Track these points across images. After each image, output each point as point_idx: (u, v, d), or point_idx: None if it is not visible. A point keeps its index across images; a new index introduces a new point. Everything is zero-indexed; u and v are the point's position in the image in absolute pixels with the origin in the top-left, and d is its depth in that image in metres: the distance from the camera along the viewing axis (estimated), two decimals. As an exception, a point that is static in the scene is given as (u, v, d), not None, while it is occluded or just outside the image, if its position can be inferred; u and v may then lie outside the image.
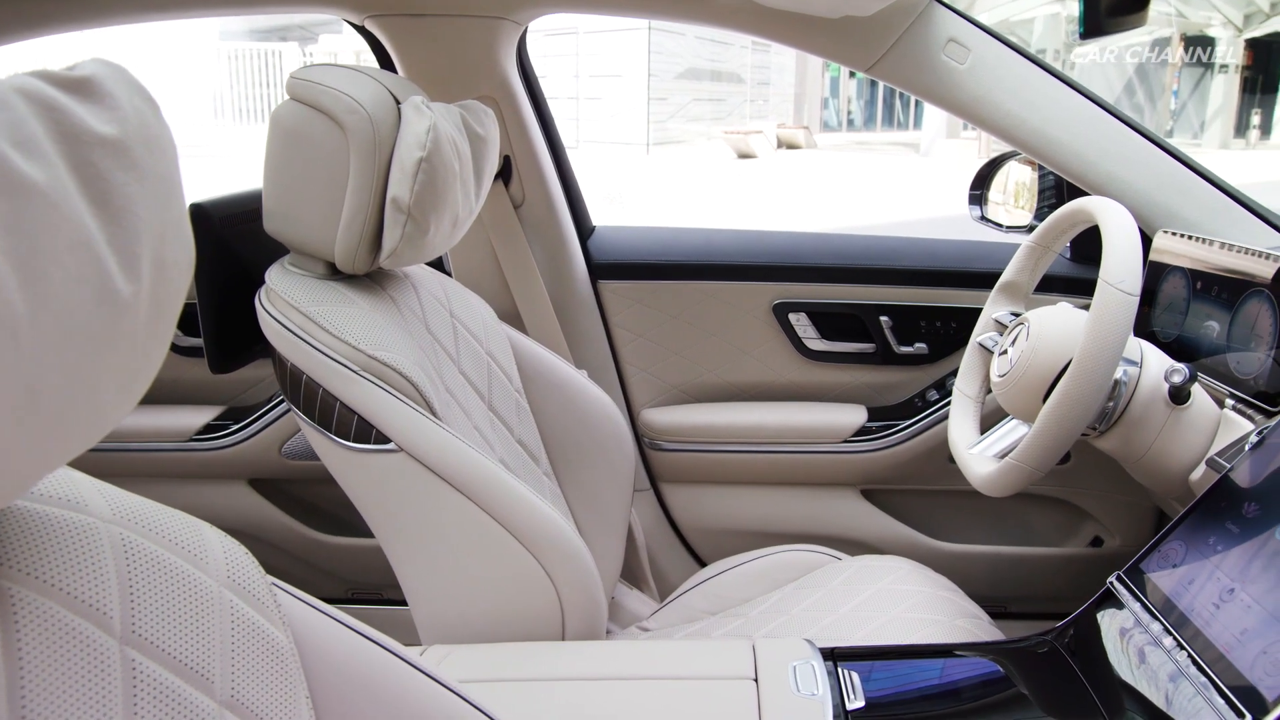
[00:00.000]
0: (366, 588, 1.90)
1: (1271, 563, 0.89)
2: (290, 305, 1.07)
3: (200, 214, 1.15)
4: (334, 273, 1.12)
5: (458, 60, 1.57)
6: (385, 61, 1.62)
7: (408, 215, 1.06)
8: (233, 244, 1.20)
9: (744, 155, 19.96)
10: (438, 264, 1.76)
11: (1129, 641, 1.00)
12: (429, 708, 0.58)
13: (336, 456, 1.09)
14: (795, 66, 26.85)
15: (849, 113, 31.19)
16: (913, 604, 1.28)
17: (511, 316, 1.70)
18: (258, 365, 1.13)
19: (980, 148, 16.59)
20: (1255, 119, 20.70)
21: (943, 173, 15.55)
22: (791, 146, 22.20)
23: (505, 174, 1.68)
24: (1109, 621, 1.04)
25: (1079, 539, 1.83)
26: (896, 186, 14.22)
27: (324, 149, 1.05)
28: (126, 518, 0.45)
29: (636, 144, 21.45)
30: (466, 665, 1.01)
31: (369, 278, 1.17)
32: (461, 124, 1.16)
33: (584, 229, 1.83)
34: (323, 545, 1.85)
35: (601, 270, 1.81)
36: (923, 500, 1.86)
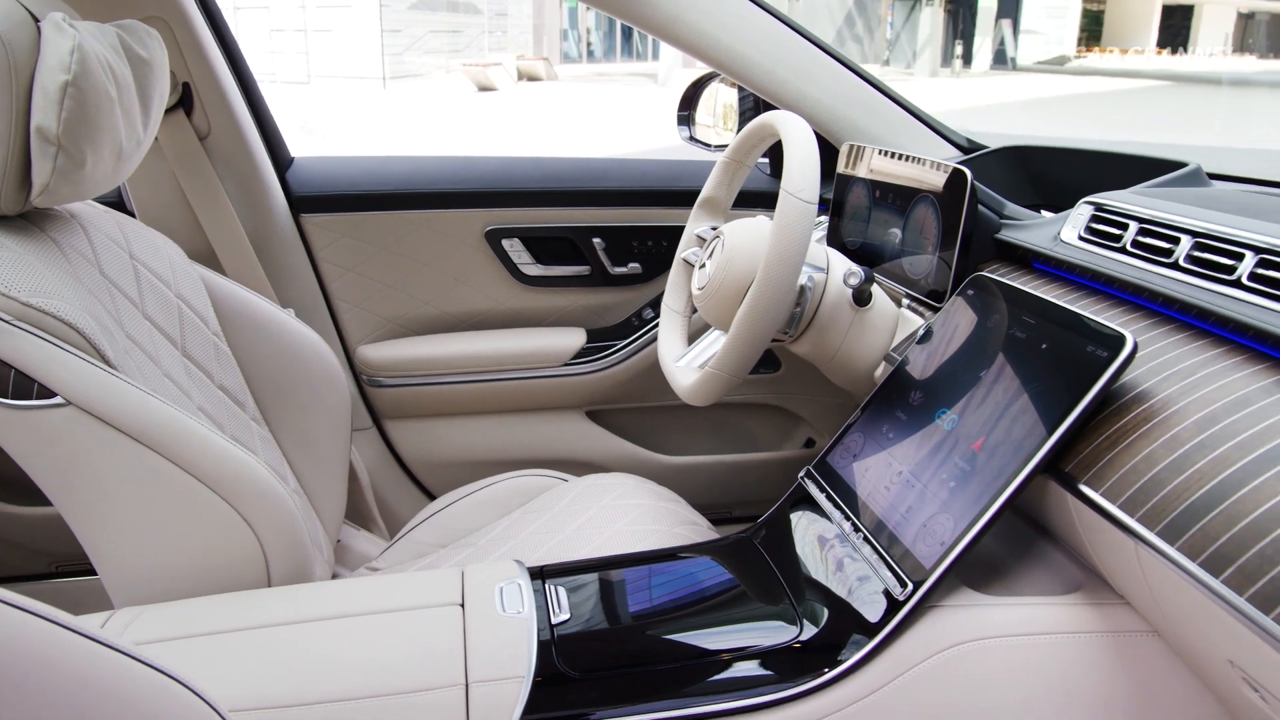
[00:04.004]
0: (71, 559, 1.75)
1: (932, 444, 0.97)
2: None
3: None
4: None
5: None
6: None
7: (58, 146, 0.95)
8: None
9: (484, 88, 19.64)
10: (120, 204, 1.61)
11: (815, 530, 1.06)
12: (95, 674, 0.53)
13: None
14: (532, -3, 26.53)
15: (589, 44, 31.23)
16: (635, 517, 1.31)
17: (206, 256, 1.59)
18: None
19: (715, 78, 17.05)
20: (958, 49, 22.43)
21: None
22: (532, 79, 22.03)
23: (186, 103, 1.55)
24: (798, 514, 1.10)
25: (794, 442, 1.95)
26: (636, 117, 14.43)
27: None
28: None
29: (372, 78, 20.59)
30: (156, 625, 0.94)
31: (24, 219, 1.05)
32: (119, 45, 1.05)
33: (281, 160, 1.72)
34: (17, 518, 1.68)
35: (303, 203, 1.72)
36: (646, 416, 1.91)
